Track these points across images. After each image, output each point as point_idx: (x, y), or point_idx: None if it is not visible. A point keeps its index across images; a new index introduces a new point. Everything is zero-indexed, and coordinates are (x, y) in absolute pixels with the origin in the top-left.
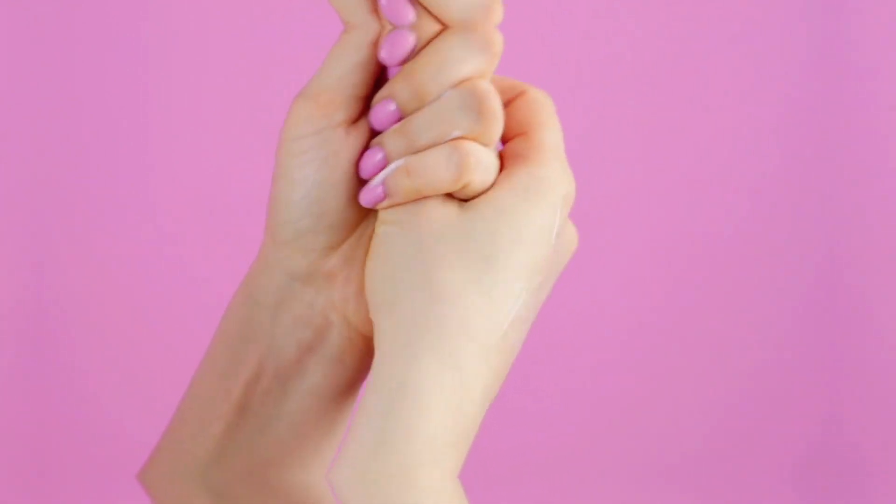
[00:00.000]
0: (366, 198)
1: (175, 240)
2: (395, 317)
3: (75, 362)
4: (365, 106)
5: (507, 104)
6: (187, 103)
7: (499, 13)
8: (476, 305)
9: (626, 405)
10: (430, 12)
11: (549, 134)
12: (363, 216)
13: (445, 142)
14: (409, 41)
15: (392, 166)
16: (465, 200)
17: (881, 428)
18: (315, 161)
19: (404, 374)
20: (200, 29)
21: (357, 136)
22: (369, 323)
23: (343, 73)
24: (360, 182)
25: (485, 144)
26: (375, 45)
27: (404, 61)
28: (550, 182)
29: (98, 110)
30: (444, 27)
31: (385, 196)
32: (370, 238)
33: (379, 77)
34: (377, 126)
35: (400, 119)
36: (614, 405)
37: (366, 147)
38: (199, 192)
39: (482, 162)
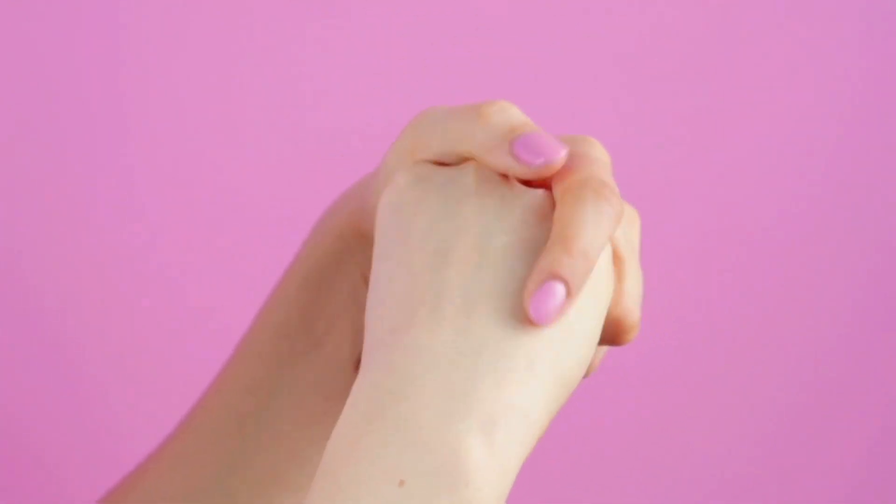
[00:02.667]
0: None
1: (160, 235)
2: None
3: (59, 361)
4: None
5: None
6: (171, 95)
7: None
8: None
9: (666, 425)
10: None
11: None
12: None
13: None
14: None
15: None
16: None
17: None
18: None
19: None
20: (183, 21)
21: None
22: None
23: None
24: None
25: None
26: None
27: None
28: None
29: (78, 104)
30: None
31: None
32: None
33: None
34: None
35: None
36: (651, 425)
37: None
38: (184, 187)
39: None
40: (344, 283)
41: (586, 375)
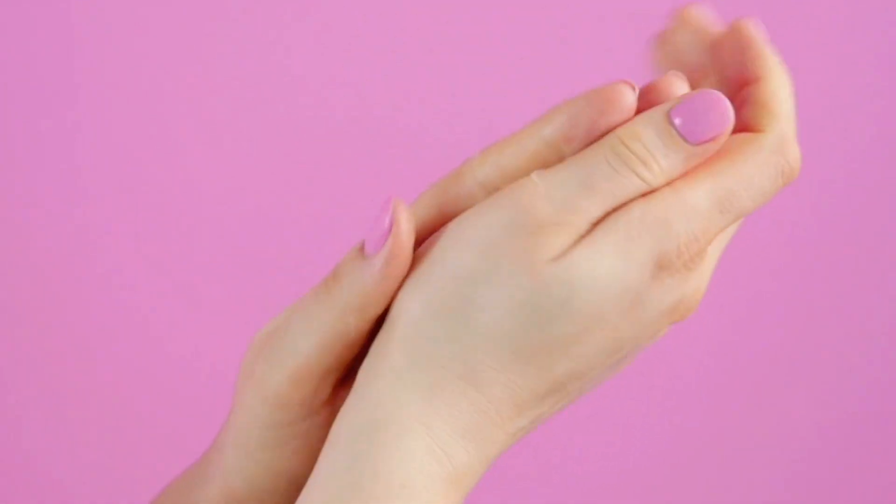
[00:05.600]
0: None
1: (98, 236)
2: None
3: None
4: (338, 382)
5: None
6: (121, 92)
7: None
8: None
9: (699, 442)
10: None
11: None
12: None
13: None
14: None
15: None
16: None
17: None
18: (288, 453)
19: (391, 408)
20: (134, 17)
21: (329, 414)
22: None
23: (325, 343)
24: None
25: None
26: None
27: None
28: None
29: (25, 102)
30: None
31: None
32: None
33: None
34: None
35: None
36: (690, 438)
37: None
38: (134, 191)
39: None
40: None
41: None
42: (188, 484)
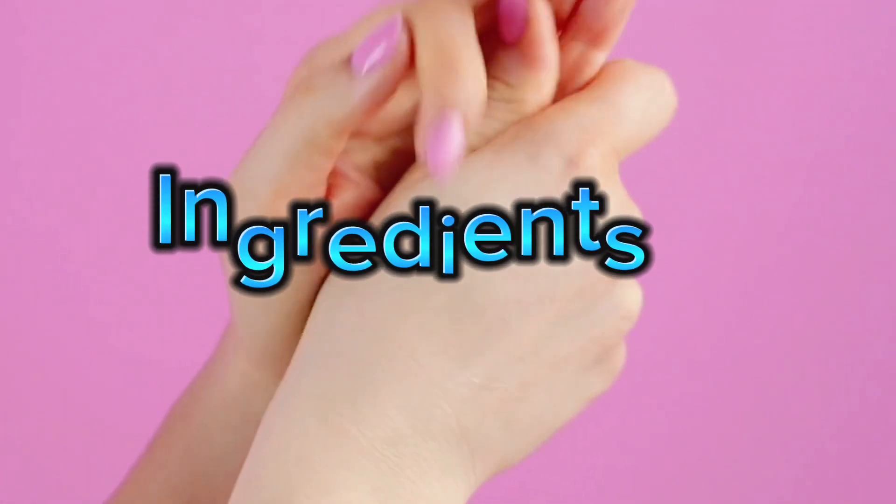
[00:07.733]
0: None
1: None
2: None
3: None
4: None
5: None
6: (64, 86)
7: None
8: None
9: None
10: None
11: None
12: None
13: None
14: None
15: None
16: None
17: None
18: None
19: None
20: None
21: None
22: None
23: (295, 153)
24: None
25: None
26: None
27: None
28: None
29: None
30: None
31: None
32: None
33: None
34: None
35: None
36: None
37: None
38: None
39: None
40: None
41: None
42: (204, 375)
